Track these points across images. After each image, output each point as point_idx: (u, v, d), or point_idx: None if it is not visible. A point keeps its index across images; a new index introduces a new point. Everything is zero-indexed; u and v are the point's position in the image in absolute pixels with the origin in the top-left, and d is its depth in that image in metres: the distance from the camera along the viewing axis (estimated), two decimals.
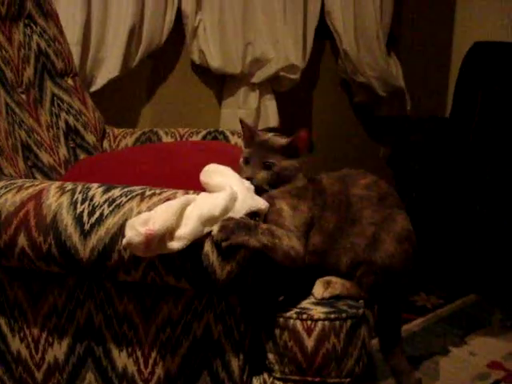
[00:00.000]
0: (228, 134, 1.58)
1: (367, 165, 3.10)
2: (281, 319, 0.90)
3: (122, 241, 0.82)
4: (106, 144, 1.65)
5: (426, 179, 2.33)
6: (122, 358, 0.96)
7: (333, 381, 0.91)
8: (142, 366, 0.95)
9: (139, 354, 0.95)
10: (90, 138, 1.57)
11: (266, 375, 0.94)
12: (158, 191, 0.87)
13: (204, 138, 1.60)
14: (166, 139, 1.62)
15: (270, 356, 0.92)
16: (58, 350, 0.98)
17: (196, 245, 0.81)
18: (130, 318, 0.93)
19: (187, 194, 0.87)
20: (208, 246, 0.81)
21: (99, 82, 1.96)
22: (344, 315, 0.88)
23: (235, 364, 0.91)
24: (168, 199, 0.85)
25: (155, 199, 0.85)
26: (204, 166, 1.07)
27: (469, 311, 2.16)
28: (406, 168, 2.36)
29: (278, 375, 0.93)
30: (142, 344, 0.94)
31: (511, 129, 2.49)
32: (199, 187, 0.93)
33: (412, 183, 2.34)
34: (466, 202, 2.23)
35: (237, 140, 1.56)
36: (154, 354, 0.94)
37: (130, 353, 0.95)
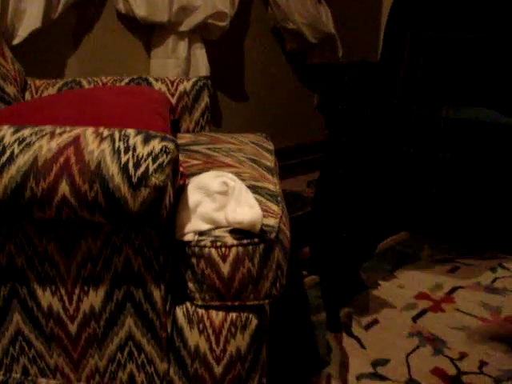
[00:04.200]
0: (151, 80, 1.58)
1: (301, 113, 3.17)
2: (196, 248, 0.93)
3: (33, 179, 0.83)
4: (27, 95, 1.63)
5: (354, 122, 2.38)
6: (46, 297, 0.98)
7: (252, 303, 0.95)
8: (66, 304, 0.97)
9: (63, 291, 0.97)
10: (11, 90, 1.54)
11: (188, 304, 0.97)
12: (68, 129, 0.88)
13: (128, 84, 1.59)
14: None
15: (190, 285, 0.95)
16: None
17: (106, 177, 0.83)
18: (51, 257, 0.95)
19: (98, 130, 0.88)
20: (119, 178, 0.82)
21: (21, 34, 1.91)
22: (256, 240, 0.92)
23: (157, 295, 0.95)
24: (78, 136, 0.86)
25: (65, 136, 0.86)
26: (122, 107, 1.07)
27: (399, 248, 2.27)
28: (335, 112, 2.40)
29: (199, 303, 0.96)
30: (64, 281, 0.96)
31: (438, 73, 2.57)
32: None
33: (341, 127, 2.38)
34: (393, 143, 2.30)
35: (160, 86, 1.56)
36: (77, 291, 0.96)
37: (53, 291, 0.97)
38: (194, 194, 0.94)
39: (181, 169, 0.95)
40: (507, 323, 1.72)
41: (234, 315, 0.95)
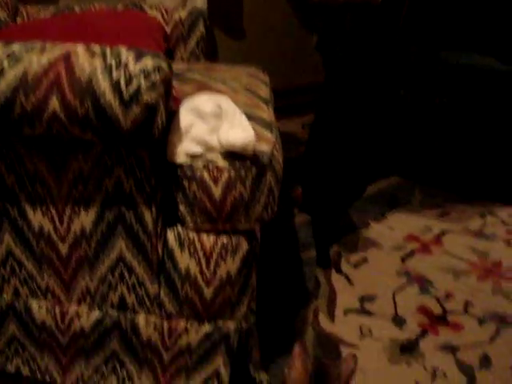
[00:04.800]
0: (145, 7, 1.54)
1: (301, 53, 3.10)
2: (188, 171, 0.92)
3: (22, 93, 0.82)
4: (19, 21, 1.59)
5: (351, 64, 2.35)
6: (37, 217, 0.97)
7: (243, 227, 0.96)
8: (57, 224, 0.97)
9: (54, 212, 0.96)
10: (1, 14, 1.50)
11: (179, 227, 0.98)
12: (59, 44, 0.86)
13: None
14: None
15: (182, 207, 0.95)
16: None
17: (97, 93, 0.81)
18: (41, 177, 0.94)
19: (90, 46, 0.86)
20: (110, 95, 0.81)
21: None
22: (249, 163, 0.92)
23: (148, 216, 0.95)
24: (69, 52, 0.84)
25: (56, 52, 0.84)
26: (115, 29, 1.05)
27: (391, 191, 2.27)
28: (333, 53, 2.36)
29: (190, 226, 0.96)
30: (55, 202, 0.96)
31: (440, 18, 2.52)
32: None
33: (338, 68, 2.35)
34: (390, 86, 2.27)
35: (155, 13, 1.52)
36: (68, 211, 0.96)
37: (44, 211, 0.97)
38: (186, 116, 0.93)
39: (174, 93, 0.94)
40: (494, 267, 1.75)
41: (224, 239, 0.96)
